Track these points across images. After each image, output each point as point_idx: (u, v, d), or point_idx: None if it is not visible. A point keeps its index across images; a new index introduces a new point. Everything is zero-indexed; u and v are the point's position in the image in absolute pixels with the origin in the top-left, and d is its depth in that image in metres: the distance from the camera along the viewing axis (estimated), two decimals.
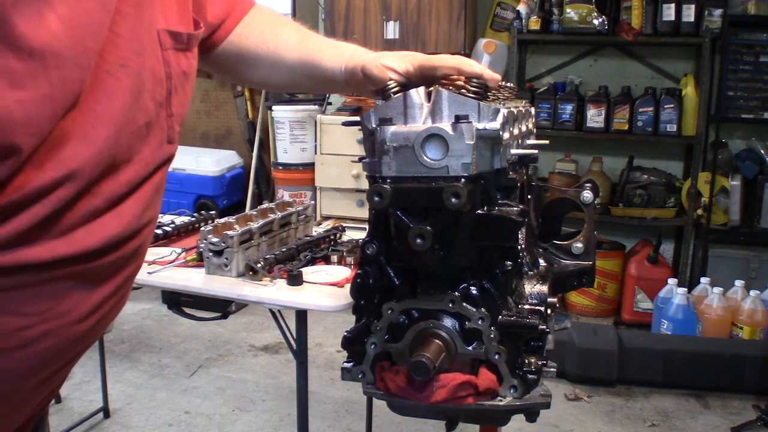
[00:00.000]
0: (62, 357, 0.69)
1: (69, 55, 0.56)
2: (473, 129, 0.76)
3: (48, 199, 0.58)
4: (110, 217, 0.66)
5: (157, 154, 0.72)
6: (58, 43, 0.55)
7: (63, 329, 0.65)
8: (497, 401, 0.81)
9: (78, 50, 0.57)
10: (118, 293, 0.73)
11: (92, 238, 0.64)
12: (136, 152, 0.68)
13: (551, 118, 3.71)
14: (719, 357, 2.88)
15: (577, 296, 3.76)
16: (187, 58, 0.77)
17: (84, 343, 0.71)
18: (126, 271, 0.72)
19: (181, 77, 0.75)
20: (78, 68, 0.58)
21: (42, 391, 0.71)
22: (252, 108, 4.62)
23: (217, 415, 2.70)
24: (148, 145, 0.70)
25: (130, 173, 0.67)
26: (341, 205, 3.87)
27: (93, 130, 0.61)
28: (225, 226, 1.69)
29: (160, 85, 0.71)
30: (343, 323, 0.99)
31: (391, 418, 2.56)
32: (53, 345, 0.65)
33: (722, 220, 3.53)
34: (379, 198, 0.75)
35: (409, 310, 0.83)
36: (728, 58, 3.42)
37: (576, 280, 1.03)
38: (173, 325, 3.60)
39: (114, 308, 0.74)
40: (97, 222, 0.64)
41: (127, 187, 0.67)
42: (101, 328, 0.73)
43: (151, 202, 0.74)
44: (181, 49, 0.75)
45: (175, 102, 0.74)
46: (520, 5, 3.72)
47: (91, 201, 0.63)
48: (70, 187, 0.60)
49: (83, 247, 0.63)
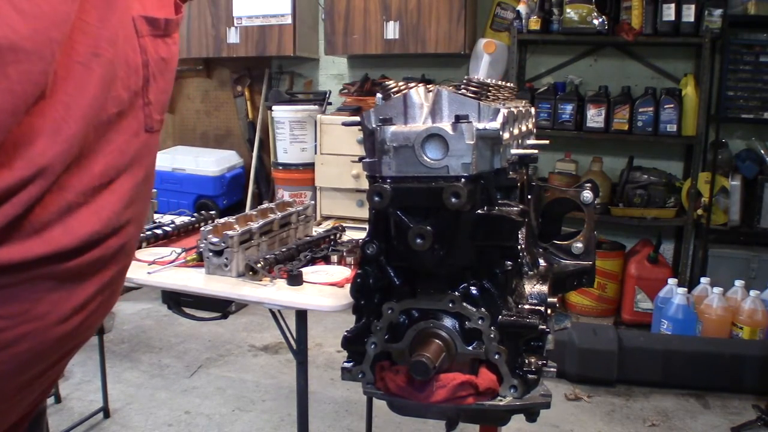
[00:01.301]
0: (46, 358, 0.67)
1: (29, 48, 0.54)
2: (473, 129, 0.76)
3: (17, 198, 0.56)
4: (87, 212, 0.64)
5: (132, 143, 0.69)
6: (15, 35, 0.53)
7: (42, 331, 0.64)
8: (497, 401, 0.81)
9: (40, 41, 0.55)
10: (104, 293, 0.71)
11: (68, 236, 0.62)
12: (107, 142, 0.66)
13: (551, 118, 3.71)
14: (719, 357, 2.88)
15: (577, 296, 3.76)
16: (167, 44, 0.74)
17: (70, 344, 0.70)
18: (109, 271, 0.71)
19: (160, 64, 0.73)
20: (41, 60, 0.56)
21: (31, 391, 0.70)
22: (252, 108, 4.63)
23: (217, 415, 2.70)
24: (121, 134, 0.67)
25: (101, 164, 0.65)
26: (341, 205, 3.87)
27: (64, 124, 0.59)
28: (225, 226, 1.69)
29: (135, 73, 0.69)
30: (343, 323, 1.00)
31: (391, 418, 2.56)
32: (33, 347, 0.64)
33: (722, 220, 3.53)
34: (379, 198, 0.75)
35: (409, 309, 0.83)
36: (728, 58, 3.42)
37: (576, 280, 1.03)
38: (173, 325, 3.60)
39: (100, 308, 0.72)
40: (73, 218, 0.62)
41: (101, 179, 0.65)
42: (88, 328, 0.71)
43: (133, 198, 0.71)
44: (159, 36, 0.72)
45: (153, 90, 0.72)
46: (520, 5, 3.72)
47: (63, 196, 0.61)
48: (41, 183, 0.58)
49: (59, 246, 0.61)
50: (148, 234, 1.88)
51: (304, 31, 4.19)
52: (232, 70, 4.68)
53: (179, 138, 4.86)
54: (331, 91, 4.15)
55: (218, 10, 4.23)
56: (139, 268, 1.67)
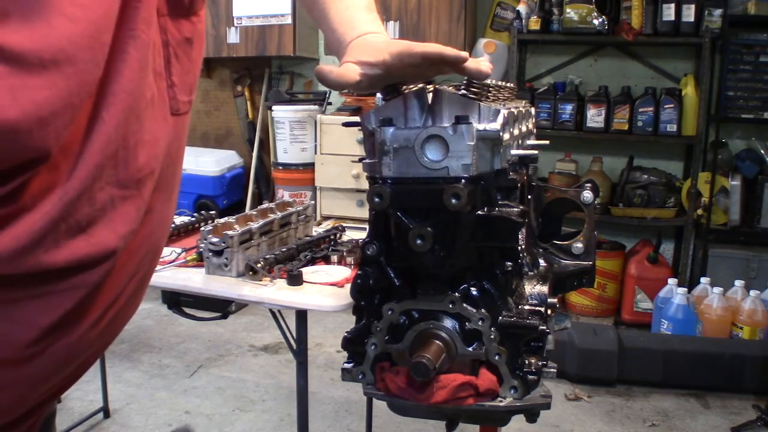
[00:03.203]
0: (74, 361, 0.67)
1: (86, 58, 0.54)
2: (473, 130, 0.75)
3: (59, 198, 0.55)
4: (129, 207, 0.62)
5: (163, 129, 0.67)
6: (72, 46, 0.52)
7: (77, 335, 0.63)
8: (497, 402, 0.81)
9: (94, 48, 0.54)
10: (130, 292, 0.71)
11: (112, 235, 0.60)
12: (146, 131, 0.63)
13: (551, 118, 3.71)
14: (719, 357, 2.88)
15: (577, 296, 3.76)
16: (192, 23, 0.71)
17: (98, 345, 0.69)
18: (141, 270, 0.70)
19: (183, 44, 0.70)
20: (96, 67, 0.55)
21: (51, 396, 0.70)
22: (252, 108, 4.62)
23: (217, 415, 2.70)
24: (155, 120, 0.65)
25: (144, 155, 0.63)
26: (341, 205, 3.87)
27: (106, 113, 0.58)
28: (225, 226, 1.69)
29: (159, 55, 0.66)
30: (343, 323, 1.00)
31: (391, 418, 2.56)
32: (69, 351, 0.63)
33: (722, 220, 3.53)
34: (380, 199, 0.75)
35: (410, 310, 0.82)
36: (728, 58, 3.42)
37: (576, 280, 1.02)
38: (173, 325, 3.60)
39: (128, 305, 0.71)
40: (116, 214, 0.61)
41: (144, 170, 0.63)
42: (114, 330, 0.71)
43: (159, 187, 0.69)
44: (182, 15, 0.69)
45: (177, 71, 0.69)
46: (520, 5, 3.72)
47: (107, 191, 0.59)
48: (85, 180, 0.57)
49: (104, 247, 0.59)
50: None
51: (304, 31, 4.19)
52: (232, 70, 4.68)
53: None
54: (331, 91, 4.15)
55: (218, 10, 4.23)
56: None
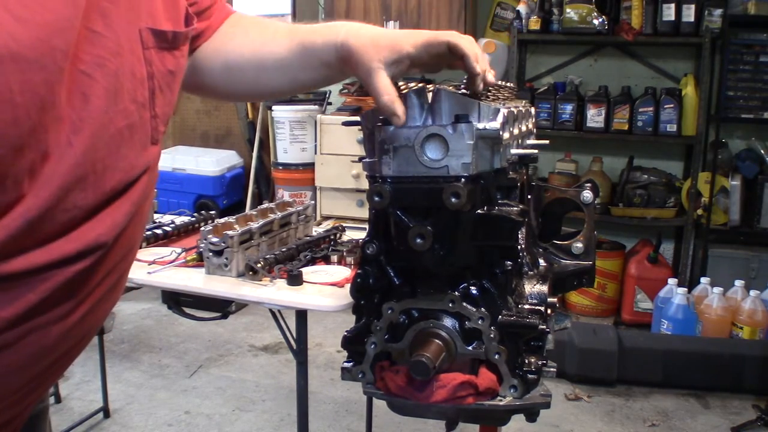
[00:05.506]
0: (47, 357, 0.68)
1: (31, 57, 0.53)
2: (473, 129, 0.75)
3: (22, 217, 0.56)
4: (93, 223, 0.64)
5: (142, 157, 0.69)
6: (15, 44, 0.52)
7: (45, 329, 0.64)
8: (497, 401, 0.81)
9: (42, 50, 0.54)
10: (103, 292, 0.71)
11: (71, 243, 0.62)
12: (120, 158, 0.65)
13: (551, 118, 3.71)
14: (719, 357, 2.88)
15: (577, 296, 3.75)
16: (174, 57, 0.74)
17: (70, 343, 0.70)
18: (114, 275, 0.71)
19: (167, 77, 0.72)
20: (42, 70, 0.54)
21: (29, 390, 0.71)
22: (252, 108, 4.62)
23: (217, 415, 2.70)
24: (132, 149, 0.67)
25: (113, 181, 0.65)
26: (341, 205, 3.87)
27: (74, 137, 0.59)
28: (225, 226, 1.69)
29: (141, 85, 0.68)
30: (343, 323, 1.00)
31: (391, 418, 2.56)
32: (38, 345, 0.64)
33: (722, 220, 3.53)
34: (379, 198, 0.75)
35: (409, 309, 0.83)
36: (728, 58, 3.42)
37: (576, 280, 1.02)
38: (173, 325, 3.60)
39: (99, 306, 0.72)
40: (78, 230, 0.62)
41: (111, 195, 0.65)
42: (91, 327, 0.72)
43: (137, 209, 0.71)
44: (165, 48, 0.72)
45: (160, 102, 0.71)
46: (520, 5, 3.72)
47: (70, 214, 0.61)
48: (46, 202, 0.58)
49: (61, 253, 0.61)
50: (148, 234, 1.88)
51: None
52: None
53: (179, 138, 4.85)
54: (331, 91, 4.14)
55: None
56: (139, 268, 1.67)
